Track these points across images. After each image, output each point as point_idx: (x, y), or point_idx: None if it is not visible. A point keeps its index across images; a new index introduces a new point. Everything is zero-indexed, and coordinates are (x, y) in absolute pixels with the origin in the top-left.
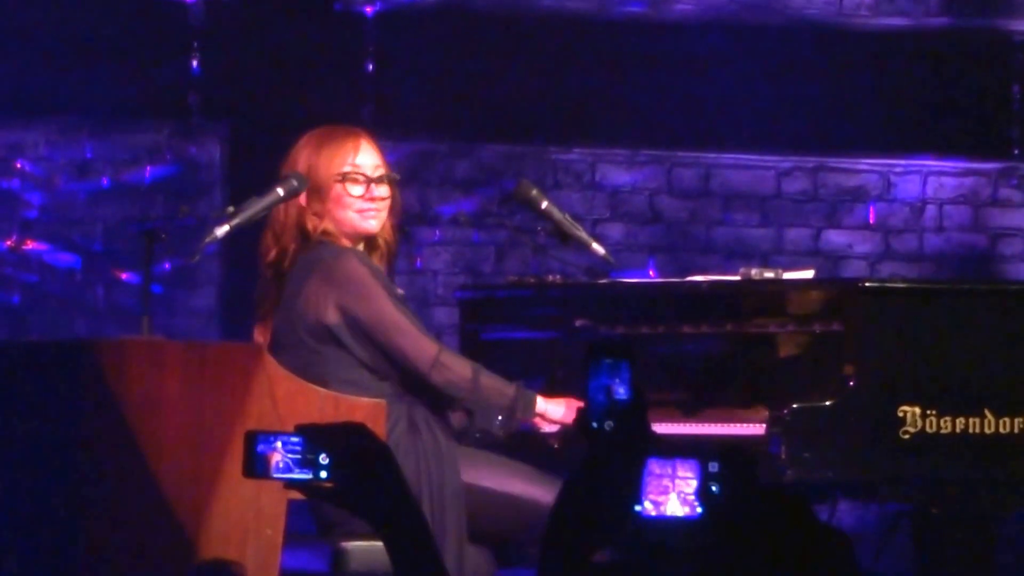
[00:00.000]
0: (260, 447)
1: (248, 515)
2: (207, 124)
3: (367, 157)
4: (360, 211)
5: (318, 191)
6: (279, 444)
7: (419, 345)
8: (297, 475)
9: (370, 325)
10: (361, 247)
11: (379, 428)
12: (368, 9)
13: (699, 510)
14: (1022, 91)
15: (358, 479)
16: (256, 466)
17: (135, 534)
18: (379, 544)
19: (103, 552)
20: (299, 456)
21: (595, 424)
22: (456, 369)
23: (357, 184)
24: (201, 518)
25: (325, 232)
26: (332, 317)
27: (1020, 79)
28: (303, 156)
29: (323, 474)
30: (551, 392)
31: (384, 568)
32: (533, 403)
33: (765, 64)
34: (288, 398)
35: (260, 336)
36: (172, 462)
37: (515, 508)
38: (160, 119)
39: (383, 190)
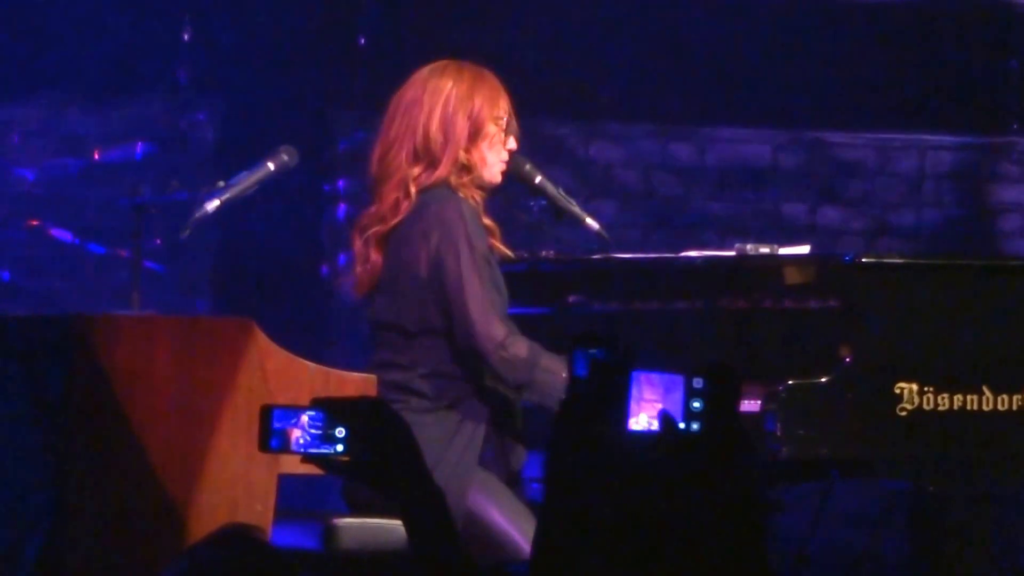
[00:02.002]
0: (276, 421)
1: (238, 490)
2: (198, 99)
3: (508, 104)
4: (501, 161)
5: (480, 131)
6: (295, 418)
7: (489, 322)
8: (313, 449)
9: (449, 282)
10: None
11: None
12: None
13: (681, 425)
14: (1021, 65)
15: (375, 453)
16: (271, 440)
17: (124, 508)
18: (371, 521)
19: (90, 526)
20: (315, 430)
21: None
22: (518, 354)
23: (510, 134)
24: (190, 493)
25: (458, 175)
26: (423, 267)
27: (1019, 53)
28: (463, 89)
29: (340, 448)
30: None
31: (375, 545)
32: None
33: (761, 37)
34: (278, 372)
35: (376, 255)
36: (162, 436)
37: (501, 548)
38: (151, 94)
39: (515, 142)
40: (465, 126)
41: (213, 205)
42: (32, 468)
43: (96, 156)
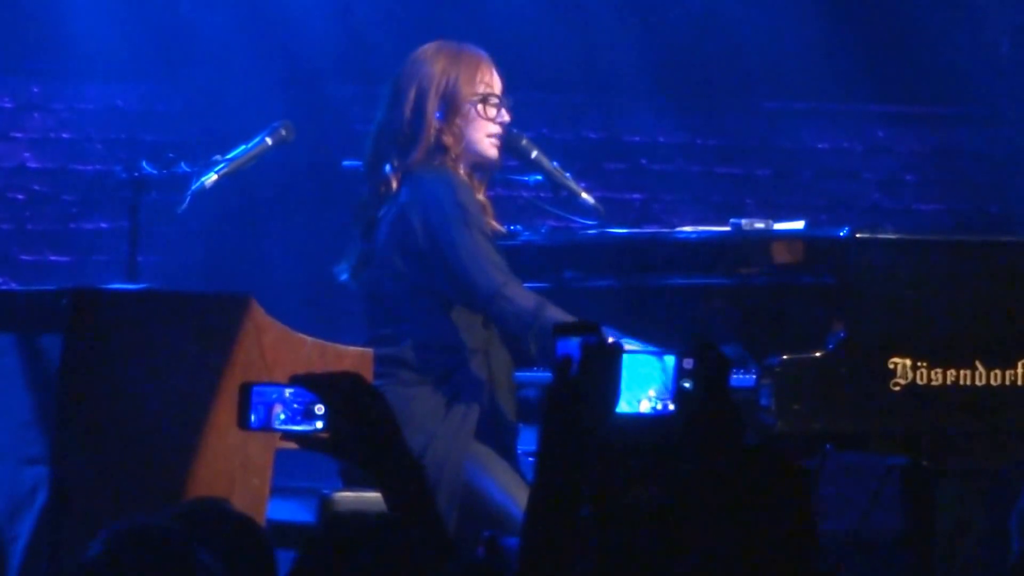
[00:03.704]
0: (255, 399)
1: (235, 465)
2: (195, 74)
3: (497, 80)
4: (490, 135)
5: (455, 109)
6: (274, 395)
7: (486, 272)
8: (293, 426)
9: (443, 246)
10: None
11: (366, 376)
12: None
13: (671, 407)
14: (1011, 44)
15: (354, 429)
16: (251, 418)
17: (122, 483)
18: (365, 494)
19: (86, 500)
20: (294, 407)
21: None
22: (518, 302)
23: (492, 107)
24: (188, 468)
25: (436, 155)
26: (420, 238)
27: (1009, 32)
28: (436, 70)
29: (319, 424)
30: None
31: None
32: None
33: (758, 7)
34: (275, 346)
35: (366, 237)
36: (159, 411)
37: (498, 521)
38: (144, 70)
39: (507, 115)
40: (436, 105)
41: (211, 179)
42: (28, 443)
43: (94, 131)
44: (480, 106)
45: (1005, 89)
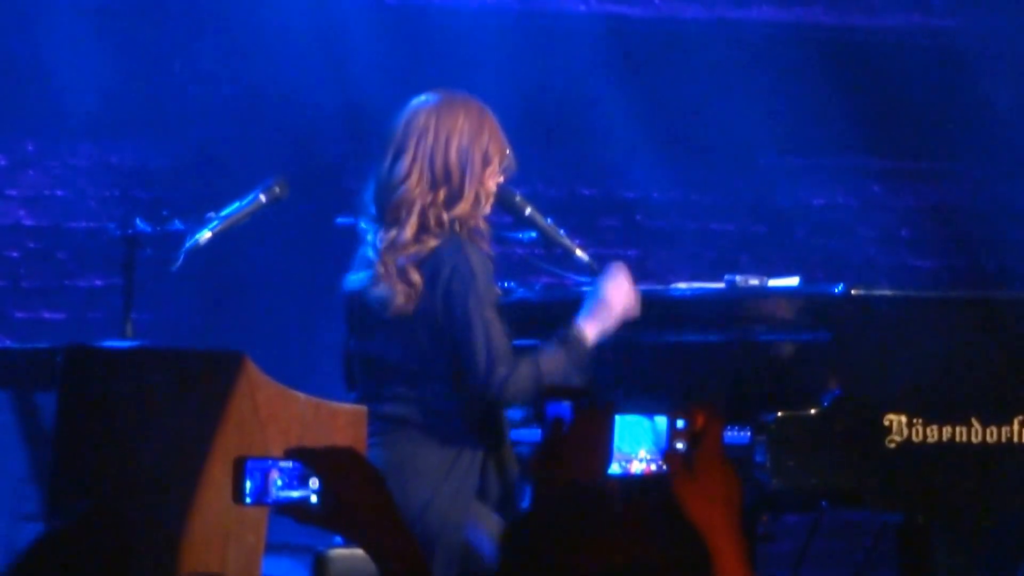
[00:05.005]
0: (250, 473)
1: (230, 521)
2: (188, 131)
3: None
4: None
5: (490, 162)
6: (268, 469)
7: (490, 371)
8: (286, 500)
9: (457, 332)
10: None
11: (360, 433)
12: None
13: (664, 466)
14: (1007, 101)
15: (347, 504)
16: (245, 492)
17: (116, 539)
18: (361, 552)
19: (82, 556)
20: (289, 481)
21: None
22: (520, 385)
23: (503, 163)
24: (183, 524)
25: (478, 207)
26: (440, 313)
27: (1005, 88)
28: (474, 123)
29: (313, 499)
30: None
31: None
32: (583, 337)
33: (753, 64)
34: (269, 403)
35: (416, 275)
36: (153, 468)
37: None
38: (138, 127)
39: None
40: (479, 159)
41: (205, 236)
42: (24, 499)
43: (88, 189)
44: (503, 164)
45: (1001, 145)
